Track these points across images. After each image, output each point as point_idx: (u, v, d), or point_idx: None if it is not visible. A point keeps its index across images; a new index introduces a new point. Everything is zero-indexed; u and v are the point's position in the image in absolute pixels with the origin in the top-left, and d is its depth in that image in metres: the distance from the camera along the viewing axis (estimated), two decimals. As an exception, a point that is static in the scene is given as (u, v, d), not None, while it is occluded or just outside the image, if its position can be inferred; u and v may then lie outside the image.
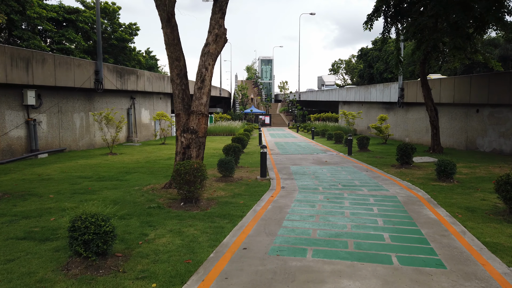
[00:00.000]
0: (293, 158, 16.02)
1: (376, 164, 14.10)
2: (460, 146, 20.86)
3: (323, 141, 27.16)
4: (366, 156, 16.85)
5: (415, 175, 11.68)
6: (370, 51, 72.68)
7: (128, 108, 25.13)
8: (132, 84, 24.64)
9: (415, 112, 25.66)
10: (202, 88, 9.15)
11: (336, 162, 14.88)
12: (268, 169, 12.81)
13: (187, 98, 9.51)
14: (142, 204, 7.72)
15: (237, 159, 13.40)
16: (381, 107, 31.52)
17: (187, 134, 9.08)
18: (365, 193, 9.06)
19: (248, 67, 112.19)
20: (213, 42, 9.17)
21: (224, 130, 34.48)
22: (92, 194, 8.64)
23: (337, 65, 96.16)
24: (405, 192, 9.26)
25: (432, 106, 18.26)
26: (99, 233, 4.49)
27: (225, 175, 10.75)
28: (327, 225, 6.48)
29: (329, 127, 35.17)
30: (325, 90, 48.26)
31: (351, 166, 13.55)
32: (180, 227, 6.31)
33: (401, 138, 27.43)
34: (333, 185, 10.08)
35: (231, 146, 13.19)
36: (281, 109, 67.86)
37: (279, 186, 9.92)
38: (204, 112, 9.17)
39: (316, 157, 16.62)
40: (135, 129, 25.96)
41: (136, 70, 25.26)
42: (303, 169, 12.84)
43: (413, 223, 6.65)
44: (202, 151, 9.29)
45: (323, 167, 13.33)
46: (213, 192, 9.09)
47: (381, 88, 30.16)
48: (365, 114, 34.39)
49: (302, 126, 43.46)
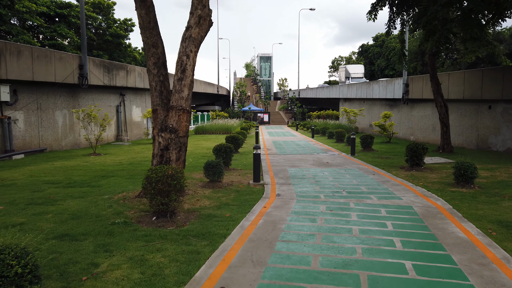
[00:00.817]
0: (291, 159, 14.66)
1: (383, 166, 12.74)
2: (470, 145, 19.50)
3: (323, 139, 25.80)
4: (371, 157, 15.49)
5: (429, 179, 10.33)
6: (371, 48, 71.24)
7: (117, 105, 23.75)
8: (122, 80, 23.26)
9: (421, 109, 24.29)
10: (182, 79, 7.79)
11: (338, 163, 13.52)
12: (263, 172, 11.46)
13: (166, 91, 8.14)
14: (106, 219, 6.36)
15: (228, 161, 12.05)
16: (384, 104, 30.15)
17: (165, 134, 7.72)
18: (375, 202, 7.70)
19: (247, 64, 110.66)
20: (196, 25, 7.79)
21: (220, 128, 33.12)
22: (51, 205, 7.28)
23: (337, 62, 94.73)
24: (421, 200, 7.90)
25: (442, 102, 16.89)
26: (8, 276, 3.14)
27: (212, 180, 9.40)
28: (332, 248, 5.13)
29: (329, 125, 33.81)
30: (326, 87, 46.88)
31: (356, 168, 12.19)
32: (145, 252, 4.95)
33: (406, 136, 26.07)
34: (336, 192, 8.72)
35: (222, 146, 11.83)
36: (280, 106, 66.47)
37: (274, 193, 8.56)
38: (185, 108, 7.80)
39: (317, 157, 15.26)
40: (125, 127, 24.58)
41: (126, 65, 23.89)
42: (302, 172, 11.48)
43: (439, 245, 5.29)
44: (183, 153, 7.93)
45: (324, 170, 11.97)
46: (196, 201, 7.73)
47: (384, 84, 28.79)
48: (367, 111, 33.02)
49: (301, 124, 42.09)
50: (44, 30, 44.35)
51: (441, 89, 17.15)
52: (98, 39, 53.91)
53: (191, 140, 25.08)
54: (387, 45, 66.88)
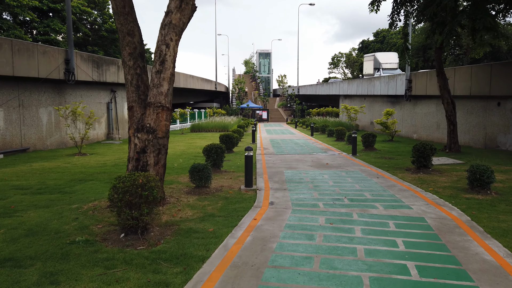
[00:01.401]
0: (288, 160, 13.69)
1: (387, 168, 11.78)
2: (477, 143, 18.53)
3: (323, 138, 24.83)
4: (374, 157, 14.52)
5: (439, 183, 9.36)
6: (372, 44, 70.19)
7: (108, 102, 22.75)
8: (113, 76, 22.26)
9: (424, 106, 23.31)
10: (161, 71, 6.80)
11: (339, 164, 12.55)
12: (257, 175, 10.50)
13: (143, 86, 7.17)
14: (66, 236, 5.40)
15: (219, 162, 11.08)
16: (385, 100, 29.17)
17: (142, 134, 6.75)
18: (381, 213, 6.74)
19: (246, 61, 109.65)
20: (177, 10, 6.79)
21: (216, 126, 32.13)
22: (8, 217, 6.31)
23: (337, 58, 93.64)
24: (434, 210, 6.94)
25: (449, 98, 15.91)
26: None
27: (199, 186, 8.43)
28: (332, 278, 4.17)
29: (329, 122, 32.83)
30: (325, 84, 45.87)
31: (358, 171, 11.22)
32: (100, 284, 3.99)
33: (409, 134, 25.10)
34: (337, 199, 7.76)
35: (212, 146, 10.86)
36: (279, 103, 65.48)
37: (267, 201, 7.60)
38: (164, 104, 6.82)
39: (316, 158, 14.29)
40: (116, 125, 23.59)
41: (117, 60, 22.87)
42: (300, 175, 10.52)
43: (463, 272, 4.33)
44: (163, 156, 6.96)
45: (323, 172, 11.00)
46: (177, 211, 6.77)
47: (386, 80, 27.79)
48: (368, 108, 32.05)
49: (301, 121, 41.11)
50: (37, 25, 43.29)
51: (448, 84, 16.17)
52: (93, 35, 52.87)
53: (185, 138, 24.09)
54: (387, 41, 65.84)
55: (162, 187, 7.07)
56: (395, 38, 64.91)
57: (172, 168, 12.03)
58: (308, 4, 55.96)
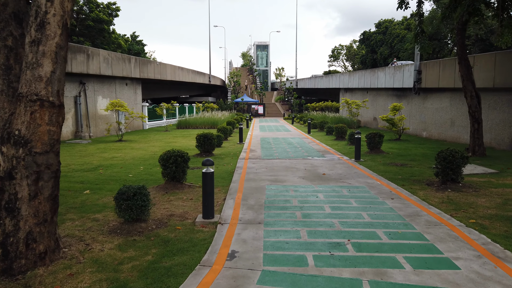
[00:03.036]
0: (276, 168, 10.93)
1: (402, 181, 9.04)
2: (501, 144, 15.78)
3: (321, 136, 22.06)
4: (382, 162, 11.78)
5: (480, 209, 6.62)
6: (374, 35, 67.10)
7: (76, 96, 19.96)
8: (81, 66, 19.46)
9: (436, 100, 20.53)
10: (40, 42, 4.04)
11: (339, 175, 9.80)
12: (229, 192, 7.77)
13: (19, 67, 4.40)
14: None
15: (181, 175, 8.34)
16: (390, 94, 26.38)
17: (7, 148, 4.01)
18: (410, 280, 4.01)
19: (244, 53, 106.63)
20: None
21: (205, 122, 29.36)
22: None
23: (337, 51, 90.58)
24: (496, 271, 4.20)
25: (473, 91, 13.11)
26: None
27: (129, 220, 5.67)
28: None
29: (328, 118, 30.05)
30: (325, 76, 42.98)
31: (364, 186, 8.47)
32: None
33: (417, 132, 22.35)
34: (336, 244, 5.02)
35: (171, 154, 8.11)
36: (276, 98, 62.60)
37: (227, 249, 4.86)
38: (46, 97, 4.06)
39: (310, 164, 11.54)
40: (86, 122, 20.83)
41: (86, 48, 20.04)
42: (286, 194, 7.77)
43: None
44: (48, 184, 4.21)
45: (318, 188, 8.24)
46: (66, 278, 4.03)
47: (392, 72, 24.97)
48: (371, 103, 29.27)
49: (298, 117, 38.32)
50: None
51: (472, 74, 13.36)
52: (79, 25, 49.94)
53: (166, 137, 21.32)
54: (390, 31, 62.82)
55: (49, 234, 4.32)
56: (398, 28, 61.91)
57: (125, 180, 9.30)
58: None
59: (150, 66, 28.58)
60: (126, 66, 24.46)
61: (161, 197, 7.49)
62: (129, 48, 66.29)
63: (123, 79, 25.11)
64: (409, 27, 61.23)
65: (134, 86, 26.84)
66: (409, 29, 60.68)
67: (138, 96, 27.59)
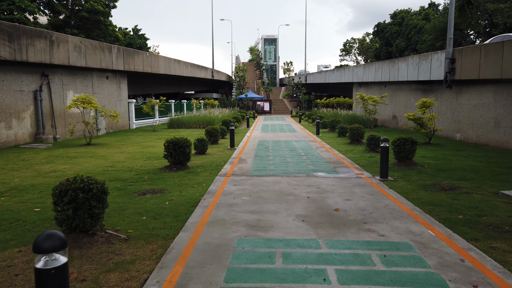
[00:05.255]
0: (264, 196, 7.34)
1: (468, 227, 5.40)
2: None
3: (332, 138, 18.39)
4: (420, 184, 8.13)
5: None
6: (388, 26, 62.72)
7: (36, 91, 16.63)
8: (42, 54, 16.11)
9: (475, 95, 16.70)
10: None
11: (361, 214, 6.18)
12: (164, 259, 4.25)
13: None
14: None
15: (87, 223, 4.83)
16: (414, 88, 22.54)
17: None
18: None
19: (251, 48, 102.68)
20: None
21: (200, 121, 25.88)
22: None
23: (349, 44, 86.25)
24: None
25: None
26: None
27: None
28: None
29: (340, 116, 26.33)
30: (336, 70, 39.09)
31: (409, 243, 4.82)
32: None
33: (448, 134, 18.53)
34: None
35: (71, 186, 4.63)
36: (284, 93, 58.83)
37: None
38: None
39: (317, 187, 7.93)
40: (52, 121, 17.49)
41: (50, 33, 16.66)
42: (264, 270, 4.21)
43: None
44: None
45: (326, 250, 4.64)
46: None
47: (416, 62, 21.12)
48: (390, 98, 25.44)
49: (306, 114, 34.61)
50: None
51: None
52: (74, 16, 46.92)
53: (148, 138, 17.84)
54: (407, 22, 58.49)
55: None
56: (415, 19, 57.54)
57: (10, 224, 5.85)
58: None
59: (138, 58, 25.16)
60: (105, 57, 21.07)
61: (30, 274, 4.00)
62: (129, 42, 63.11)
63: (103, 72, 21.73)
64: (427, 17, 56.81)
65: (117, 79, 23.45)
66: (427, 19, 56.27)
67: (123, 91, 24.20)
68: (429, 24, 51.82)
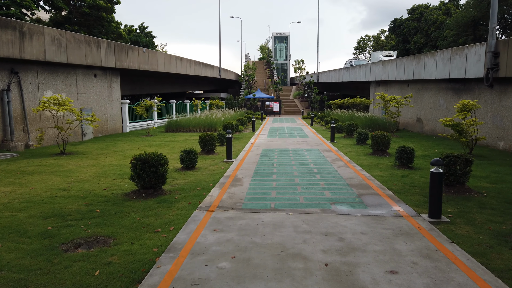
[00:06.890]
0: (256, 260, 4.67)
1: None
2: None
3: (349, 145, 15.60)
4: (496, 232, 5.38)
5: None
6: (406, 22, 59.30)
7: (3, 90, 14.24)
8: (10, 47, 13.72)
9: (526, 96, 13.77)
10: None
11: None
12: None
13: None
14: None
15: None
16: (443, 87, 19.60)
17: None
18: None
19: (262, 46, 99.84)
20: None
21: (200, 124, 23.31)
22: None
23: (363, 42, 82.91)
24: None
25: None
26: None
27: None
28: None
29: (358, 119, 23.47)
30: (351, 68, 36.15)
31: None
32: None
33: (488, 142, 15.60)
34: None
35: None
36: (295, 93, 55.99)
37: None
38: None
39: (337, 234, 5.25)
40: (24, 126, 15.09)
41: (20, 23, 14.26)
42: None
43: None
44: None
45: None
46: None
47: (447, 57, 18.20)
48: (414, 99, 22.51)
49: (318, 116, 31.80)
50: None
51: None
52: (75, 12, 44.89)
53: (137, 145, 15.24)
54: (426, 18, 55.10)
55: None
56: (435, 14, 54.13)
57: None
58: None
59: (133, 54, 22.71)
60: (92, 52, 18.64)
61: None
62: (136, 40, 61.01)
63: (90, 69, 19.32)
64: (448, 11, 53.37)
65: (108, 78, 21.02)
66: (448, 14, 52.85)
67: (115, 91, 21.76)
68: (450, 19, 48.46)
